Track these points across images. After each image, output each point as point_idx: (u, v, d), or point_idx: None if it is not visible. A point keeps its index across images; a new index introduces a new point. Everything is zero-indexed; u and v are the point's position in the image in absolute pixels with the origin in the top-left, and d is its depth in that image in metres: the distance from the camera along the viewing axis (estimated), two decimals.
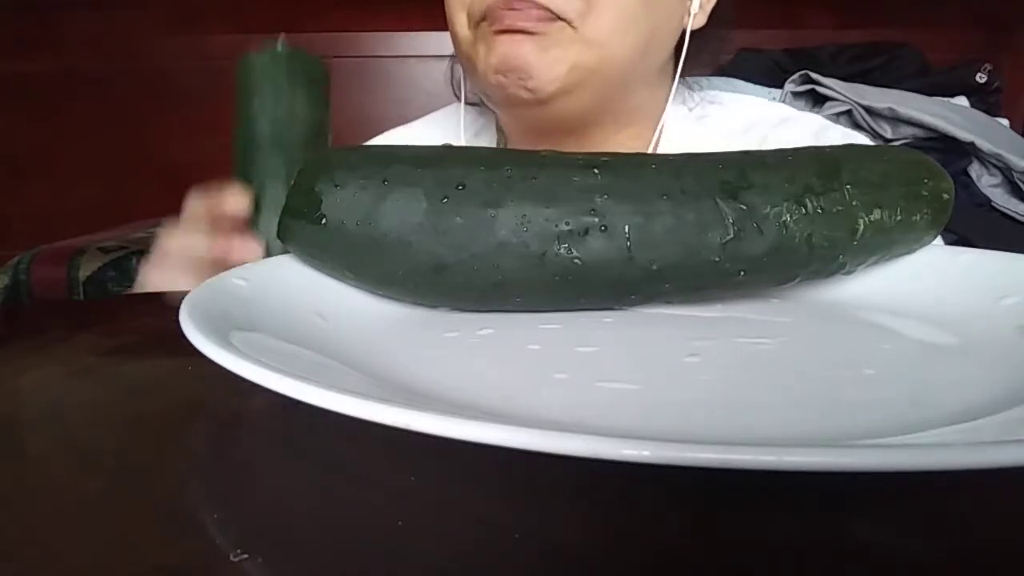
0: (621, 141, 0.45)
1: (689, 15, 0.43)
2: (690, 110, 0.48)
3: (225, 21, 1.30)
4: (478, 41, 0.40)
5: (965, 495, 0.17)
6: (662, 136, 0.47)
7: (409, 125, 0.59)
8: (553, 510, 0.16)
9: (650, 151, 0.46)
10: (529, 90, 0.39)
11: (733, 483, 0.17)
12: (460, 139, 0.52)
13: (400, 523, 0.15)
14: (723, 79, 1.08)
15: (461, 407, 0.20)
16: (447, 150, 0.29)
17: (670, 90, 0.46)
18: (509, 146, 0.50)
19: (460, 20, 0.41)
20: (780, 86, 1.01)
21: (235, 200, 0.37)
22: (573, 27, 0.37)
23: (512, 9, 0.37)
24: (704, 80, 0.51)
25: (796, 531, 0.15)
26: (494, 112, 0.51)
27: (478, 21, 0.39)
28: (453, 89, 0.54)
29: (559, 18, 0.37)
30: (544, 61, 0.38)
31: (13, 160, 1.37)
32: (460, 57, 0.44)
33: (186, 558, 0.15)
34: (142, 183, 1.34)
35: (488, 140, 0.52)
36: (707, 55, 0.48)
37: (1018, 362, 0.23)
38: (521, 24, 0.37)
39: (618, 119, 0.44)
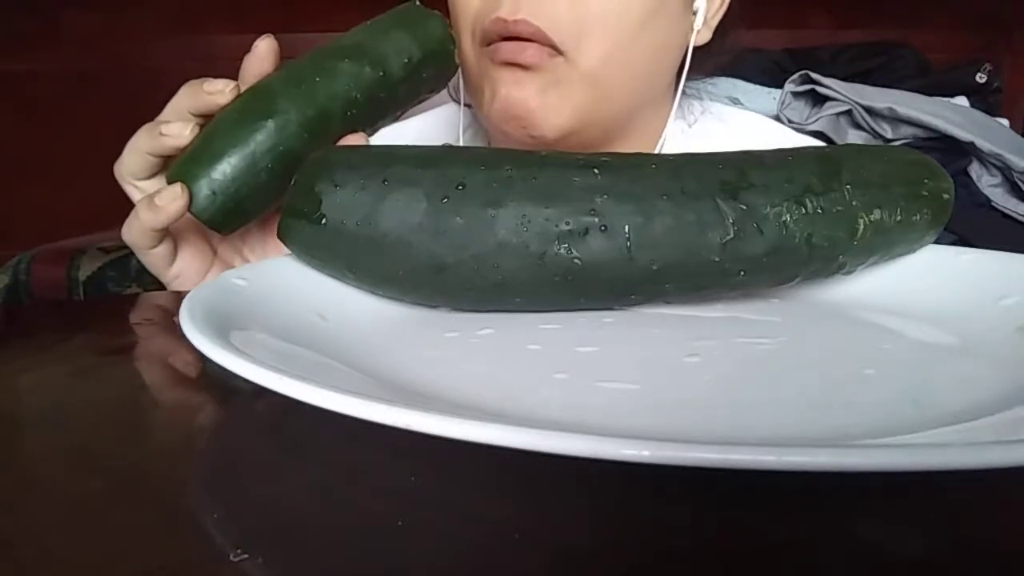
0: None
1: (693, 31, 0.42)
2: (689, 126, 0.48)
3: (225, 21, 1.30)
4: (482, 77, 0.40)
5: (965, 495, 0.17)
6: (663, 151, 0.47)
7: (405, 122, 0.57)
8: (553, 510, 0.16)
9: None
10: (533, 137, 0.39)
11: (733, 483, 0.17)
12: (458, 140, 0.53)
13: (400, 523, 0.15)
14: (723, 79, 1.08)
15: (461, 407, 0.20)
16: (447, 150, 0.29)
17: (672, 107, 0.45)
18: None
19: (466, 41, 0.41)
20: (780, 86, 1.01)
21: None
22: (567, 59, 0.37)
23: (510, 39, 0.37)
24: (709, 86, 0.50)
25: (796, 531, 0.15)
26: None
27: (481, 44, 0.39)
28: (449, 91, 0.53)
29: (555, 50, 0.37)
30: (546, 106, 0.37)
31: (13, 160, 1.37)
32: (467, 85, 0.44)
33: (186, 558, 0.15)
34: None
35: (482, 141, 0.53)
36: (710, 66, 0.48)
37: (1018, 362, 0.23)
38: (520, 59, 0.37)
39: (620, 142, 0.44)
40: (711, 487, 0.17)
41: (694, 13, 0.41)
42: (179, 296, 0.22)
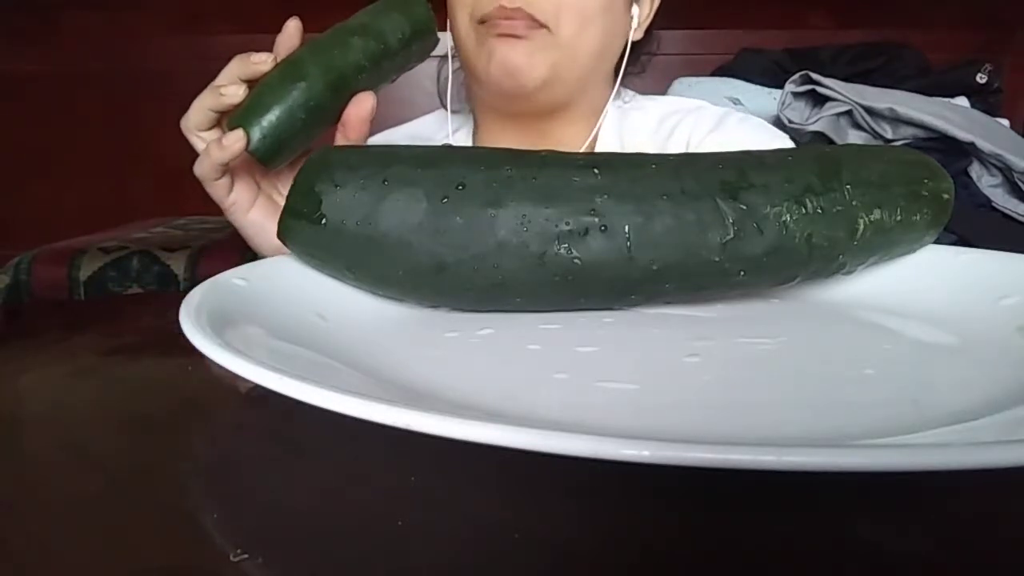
0: (574, 120, 0.59)
1: (631, 29, 0.58)
2: (625, 102, 0.63)
3: (226, 21, 1.30)
4: (479, 46, 0.53)
5: (965, 495, 0.17)
6: (603, 123, 0.61)
7: (399, 127, 0.68)
8: (553, 510, 0.16)
9: (591, 134, 0.59)
10: (520, 86, 0.53)
11: (733, 483, 0.17)
12: (447, 134, 0.62)
13: (400, 523, 0.15)
14: (724, 79, 1.08)
15: (461, 407, 0.20)
16: (447, 150, 0.29)
17: (613, 88, 0.61)
18: (480, 137, 0.62)
19: (463, 20, 0.53)
20: (780, 86, 1.01)
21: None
22: (550, 32, 0.51)
23: (507, 19, 0.51)
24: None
25: (796, 531, 0.15)
26: (471, 115, 0.64)
27: (477, 22, 0.52)
28: (439, 93, 0.64)
29: (540, 25, 0.50)
30: (531, 64, 0.52)
31: (13, 160, 1.37)
32: (462, 57, 0.56)
33: (186, 558, 0.15)
34: (142, 183, 1.33)
35: (465, 132, 0.64)
36: (643, 59, 0.65)
37: (1018, 362, 0.23)
38: (514, 31, 0.51)
39: (576, 110, 0.59)
40: (711, 487, 0.17)
41: (632, 17, 0.58)
42: (179, 296, 0.22)
